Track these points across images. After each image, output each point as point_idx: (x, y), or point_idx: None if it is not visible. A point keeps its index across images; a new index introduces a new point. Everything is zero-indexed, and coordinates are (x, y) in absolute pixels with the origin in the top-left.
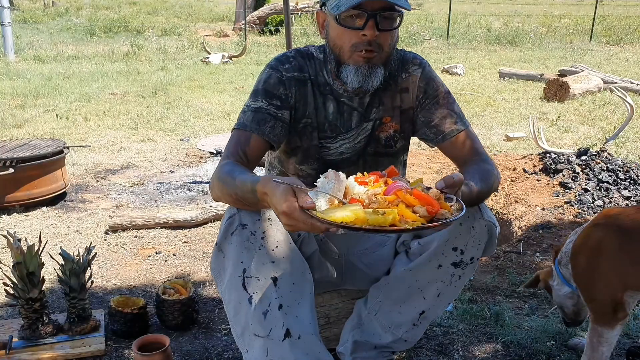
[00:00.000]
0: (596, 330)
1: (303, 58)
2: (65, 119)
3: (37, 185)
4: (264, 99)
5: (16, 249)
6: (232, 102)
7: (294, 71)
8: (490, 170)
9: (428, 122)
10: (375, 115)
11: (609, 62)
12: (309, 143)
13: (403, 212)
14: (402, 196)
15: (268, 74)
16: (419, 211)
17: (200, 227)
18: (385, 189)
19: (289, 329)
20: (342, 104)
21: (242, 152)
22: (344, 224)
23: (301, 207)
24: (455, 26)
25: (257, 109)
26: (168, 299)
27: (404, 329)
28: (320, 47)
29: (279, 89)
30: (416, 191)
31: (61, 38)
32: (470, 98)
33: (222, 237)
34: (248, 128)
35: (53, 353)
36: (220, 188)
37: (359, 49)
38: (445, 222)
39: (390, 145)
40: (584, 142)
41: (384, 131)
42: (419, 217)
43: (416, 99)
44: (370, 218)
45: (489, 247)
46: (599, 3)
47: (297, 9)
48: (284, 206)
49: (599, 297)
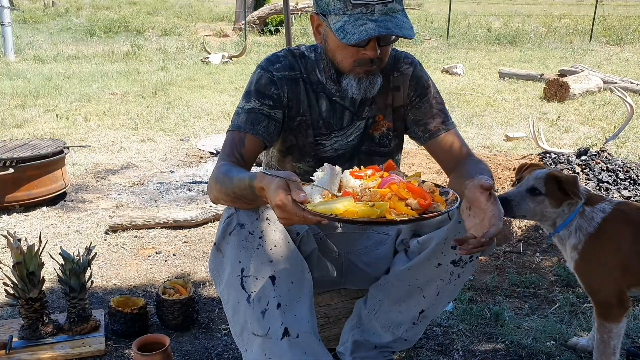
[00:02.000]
0: (604, 326)
1: (294, 57)
2: (65, 119)
3: (37, 185)
4: (256, 99)
5: (16, 249)
6: (232, 102)
7: (284, 70)
8: (485, 169)
9: (417, 120)
10: (368, 114)
11: (609, 62)
12: (304, 140)
13: (395, 205)
14: (395, 189)
15: (259, 74)
16: (411, 204)
17: (200, 227)
18: (380, 182)
19: (287, 327)
20: (335, 102)
21: (238, 153)
22: (334, 216)
23: (294, 200)
24: (455, 26)
25: (250, 110)
26: (168, 299)
27: (403, 328)
28: (311, 46)
29: (271, 89)
30: (409, 184)
31: (61, 38)
32: (470, 98)
33: (221, 237)
34: (242, 129)
35: (53, 353)
36: (218, 189)
37: (360, 65)
38: (433, 214)
39: (384, 144)
40: (584, 142)
41: (377, 129)
42: (411, 210)
43: (407, 97)
44: (359, 210)
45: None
46: (599, 3)
47: (297, 9)
48: (277, 199)
49: (604, 291)
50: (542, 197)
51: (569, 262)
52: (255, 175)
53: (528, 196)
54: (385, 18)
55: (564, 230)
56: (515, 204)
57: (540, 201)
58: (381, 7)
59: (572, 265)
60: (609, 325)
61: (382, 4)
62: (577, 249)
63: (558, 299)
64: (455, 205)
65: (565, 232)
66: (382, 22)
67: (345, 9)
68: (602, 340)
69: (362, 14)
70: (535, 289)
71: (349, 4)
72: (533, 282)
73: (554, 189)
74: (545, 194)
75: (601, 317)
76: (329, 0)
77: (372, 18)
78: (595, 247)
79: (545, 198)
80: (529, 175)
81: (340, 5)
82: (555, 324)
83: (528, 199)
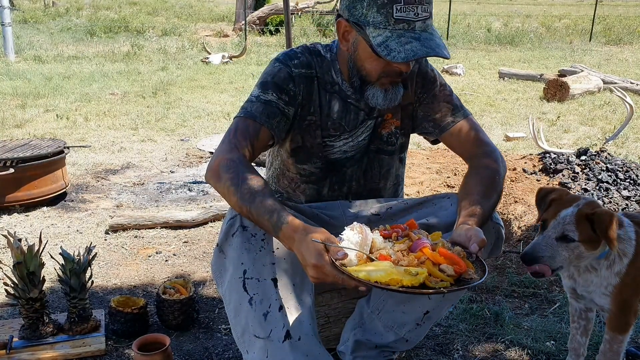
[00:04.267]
0: (617, 338)
1: (310, 55)
2: (65, 119)
3: (37, 185)
4: (274, 92)
5: (16, 249)
6: (232, 102)
7: (302, 67)
8: (495, 170)
9: (427, 116)
10: (378, 113)
11: (608, 62)
12: (312, 141)
13: (431, 271)
14: (429, 254)
15: (278, 67)
16: (446, 270)
17: (201, 227)
18: (411, 244)
19: (289, 330)
20: (349, 104)
21: (250, 144)
22: (379, 284)
23: (332, 261)
24: (455, 26)
25: (267, 102)
26: (168, 299)
27: (407, 328)
28: (327, 45)
29: (289, 85)
30: (442, 250)
31: (61, 38)
32: (470, 98)
33: (223, 238)
34: (258, 119)
35: (53, 353)
36: (226, 188)
37: (387, 76)
38: (477, 283)
39: (391, 143)
40: (584, 142)
41: (385, 128)
42: (447, 277)
43: (414, 94)
44: (404, 279)
45: (495, 248)
46: (599, 3)
47: (297, 9)
48: (313, 260)
49: (633, 308)
50: (575, 244)
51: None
52: (285, 217)
53: (560, 245)
54: (426, 37)
55: (602, 259)
56: (549, 260)
57: (574, 248)
58: (421, 24)
59: (603, 290)
60: (622, 336)
61: (422, 21)
62: (620, 274)
63: (558, 299)
64: (486, 275)
65: (605, 262)
66: (425, 41)
67: (387, 23)
68: (613, 351)
69: (404, 30)
70: (535, 289)
71: (391, 18)
72: (533, 282)
73: (587, 231)
74: (579, 240)
75: (616, 331)
76: (367, 12)
77: (415, 36)
78: (635, 268)
79: (579, 244)
80: (554, 221)
81: (381, 19)
82: (555, 324)
83: (561, 249)
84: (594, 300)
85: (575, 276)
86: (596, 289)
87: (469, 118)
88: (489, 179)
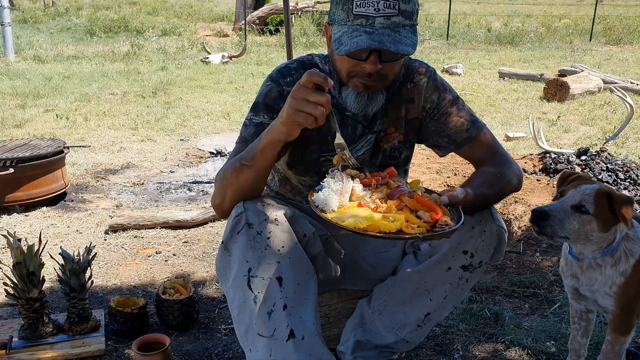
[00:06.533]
0: (620, 340)
1: (305, 69)
2: (65, 119)
3: (37, 185)
4: (265, 113)
5: (16, 249)
6: (232, 102)
7: (294, 84)
8: (503, 173)
9: (440, 131)
10: (380, 127)
11: (609, 62)
12: (310, 156)
13: (408, 217)
14: (406, 201)
15: (269, 87)
16: (423, 217)
17: (200, 227)
18: (389, 192)
19: (293, 329)
20: (346, 117)
21: None
22: (357, 229)
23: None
24: (455, 26)
25: (259, 124)
26: (168, 299)
27: (407, 329)
28: (325, 56)
29: (280, 104)
30: (419, 197)
31: (61, 38)
32: (470, 98)
33: (229, 235)
34: (250, 143)
35: (53, 353)
36: (220, 180)
37: (358, 76)
38: (455, 229)
39: (394, 157)
40: (584, 142)
41: (388, 142)
42: (423, 223)
43: (423, 110)
44: (381, 225)
45: (497, 252)
46: (599, 3)
47: (297, 9)
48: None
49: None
50: (589, 217)
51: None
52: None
53: (573, 214)
54: (383, 32)
55: (607, 256)
56: (557, 221)
57: (586, 221)
58: (382, 21)
59: (607, 289)
60: (625, 338)
61: (385, 17)
62: (625, 274)
63: (558, 299)
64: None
65: (610, 259)
66: (377, 35)
67: (347, 19)
68: (615, 352)
69: (361, 25)
70: (535, 289)
71: (351, 14)
72: (533, 282)
73: (604, 209)
74: (593, 215)
75: (619, 332)
76: (335, 10)
77: (369, 30)
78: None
79: (592, 219)
80: (573, 190)
81: (343, 16)
82: (555, 323)
83: (573, 217)
84: (597, 302)
85: (579, 275)
86: (600, 288)
87: (484, 131)
88: (494, 175)
